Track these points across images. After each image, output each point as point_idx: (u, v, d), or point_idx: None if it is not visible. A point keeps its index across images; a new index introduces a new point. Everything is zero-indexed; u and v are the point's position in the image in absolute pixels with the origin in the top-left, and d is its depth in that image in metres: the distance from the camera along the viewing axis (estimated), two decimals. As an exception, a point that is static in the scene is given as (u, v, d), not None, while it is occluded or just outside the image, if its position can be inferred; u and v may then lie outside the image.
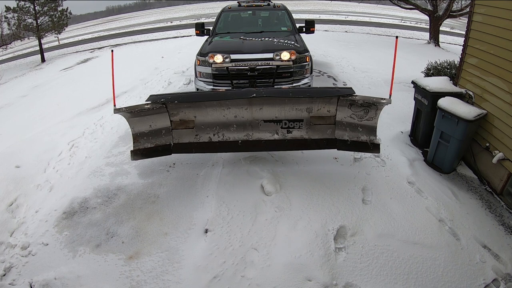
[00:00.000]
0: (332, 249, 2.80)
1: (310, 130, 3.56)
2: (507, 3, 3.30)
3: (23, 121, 6.31)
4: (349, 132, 3.45)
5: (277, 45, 4.70)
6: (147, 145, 3.50)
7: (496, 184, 3.54)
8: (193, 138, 3.60)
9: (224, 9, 6.44)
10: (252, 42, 4.91)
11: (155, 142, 3.53)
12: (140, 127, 3.43)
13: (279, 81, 4.56)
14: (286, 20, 6.10)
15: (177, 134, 3.58)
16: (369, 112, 3.30)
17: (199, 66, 4.75)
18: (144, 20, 35.18)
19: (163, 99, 3.29)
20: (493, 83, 3.53)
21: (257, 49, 4.61)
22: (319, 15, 25.17)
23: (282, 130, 3.60)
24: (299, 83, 4.64)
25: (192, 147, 3.61)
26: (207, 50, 4.74)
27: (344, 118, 3.41)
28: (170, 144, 3.58)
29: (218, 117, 3.51)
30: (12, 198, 3.65)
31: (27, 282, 2.61)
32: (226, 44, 5.06)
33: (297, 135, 3.59)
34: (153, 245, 2.94)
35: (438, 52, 10.42)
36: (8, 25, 16.15)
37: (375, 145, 3.37)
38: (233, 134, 3.60)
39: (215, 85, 4.66)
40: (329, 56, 9.82)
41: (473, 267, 2.64)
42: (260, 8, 6.38)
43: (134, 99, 6.80)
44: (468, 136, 3.65)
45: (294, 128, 3.58)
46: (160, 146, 3.54)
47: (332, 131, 3.52)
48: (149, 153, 3.52)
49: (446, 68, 5.76)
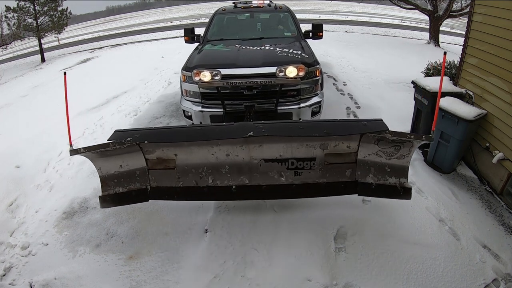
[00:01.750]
0: (332, 249, 2.80)
1: (324, 171, 2.79)
2: (507, 3, 3.30)
3: (23, 121, 6.31)
4: (373, 173, 2.74)
5: (281, 56, 3.93)
6: (119, 189, 2.82)
7: (496, 184, 3.54)
8: (174, 181, 2.85)
9: (218, 11, 5.61)
10: (249, 52, 4.14)
11: (128, 186, 2.83)
12: (108, 168, 2.76)
13: (283, 101, 3.81)
14: (290, 23, 5.29)
15: (155, 176, 2.85)
16: (401, 149, 2.61)
17: (185, 83, 3.96)
18: (144, 20, 35.17)
19: (129, 138, 2.53)
20: (493, 83, 3.53)
21: (256, 61, 3.82)
22: (319, 15, 25.17)
23: (289, 172, 2.81)
24: (307, 103, 3.86)
25: (173, 192, 2.87)
26: (193, 63, 3.97)
27: (368, 156, 2.70)
28: (147, 188, 2.86)
29: (205, 156, 2.73)
30: (12, 198, 3.65)
31: (27, 282, 2.61)
32: (217, 55, 4.27)
33: (308, 178, 2.82)
34: (153, 245, 2.94)
35: (438, 52, 10.40)
36: (8, 25, 16.14)
37: (406, 189, 2.69)
38: (225, 178, 2.82)
39: (205, 106, 3.89)
40: (329, 56, 9.82)
41: (473, 267, 2.64)
42: (259, 10, 5.56)
43: (134, 99, 6.81)
44: (468, 136, 3.65)
45: (304, 169, 2.79)
46: (134, 190, 2.84)
47: (352, 171, 2.79)
48: (121, 199, 2.84)
49: (446, 68, 5.76)
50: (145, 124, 5.43)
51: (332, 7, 33.27)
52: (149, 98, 6.71)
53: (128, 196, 2.84)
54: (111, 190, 2.81)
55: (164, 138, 2.64)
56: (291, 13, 5.42)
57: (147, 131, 2.67)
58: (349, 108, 5.68)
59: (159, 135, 2.65)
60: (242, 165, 2.78)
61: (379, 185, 2.74)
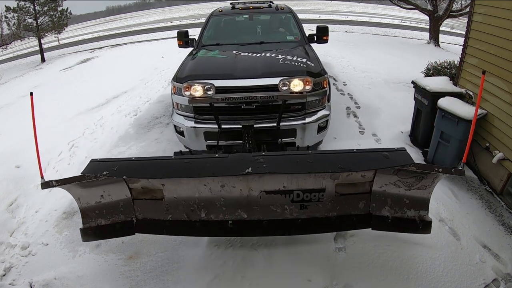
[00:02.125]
0: (332, 249, 2.80)
1: (334, 203, 2.43)
2: (507, 3, 3.30)
3: (23, 121, 6.30)
4: (390, 205, 2.41)
5: (284, 64, 3.53)
6: (101, 221, 2.50)
7: (496, 184, 3.54)
8: (163, 214, 2.48)
9: (214, 13, 5.21)
10: (248, 59, 3.75)
11: (112, 218, 2.50)
12: (88, 199, 2.44)
13: (286, 116, 3.42)
14: (293, 26, 4.90)
15: (140, 207, 2.50)
16: (423, 180, 2.29)
17: (176, 96, 3.55)
18: (144, 20, 35.19)
19: (106, 172, 2.16)
20: (493, 83, 3.53)
21: (255, 70, 3.42)
22: (319, 15, 25.18)
23: (294, 205, 2.41)
24: (313, 117, 3.48)
25: (162, 226, 2.50)
26: (184, 73, 3.58)
27: (385, 186, 2.36)
28: (132, 220, 2.52)
29: (196, 188, 2.36)
30: (12, 198, 3.66)
31: (27, 282, 2.61)
32: (212, 64, 3.88)
33: (315, 211, 2.44)
34: (153, 245, 2.93)
35: (438, 52, 10.41)
36: (8, 25, 16.15)
37: (426, 223, 2.38)
38: (221, 212, 2.43)
39: (198, 121, 3.49)
40: (329, 56, 9.82)
41: (473, 267, 2.64)
42: (259, 11, 5.18)
43: (134, 99, 6.81)
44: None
45: (312, 201, 2.40)
46: (119, 223, 2.51)
47: (366, 203, 2.44)
48: (104, 232, 2.53)
49: (446, 68, 5.76)
50: (145, 123, 5.43)
51: (332, 7, 33.27)
52: (149, 98, 6.72)
53: (111, 229, 2.51)
54: (93, 222, 2.49)
55: (146, 174, 2.25)
56: (293, 15, 5.04)
57: (127, 163, 2.32)
58: (349, 108, 5.68)
59: (140, 169, 2.26)
60: (239, 197, 2.37)
61: (396, 218, 2.41)
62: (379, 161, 2.15)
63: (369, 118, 5.25)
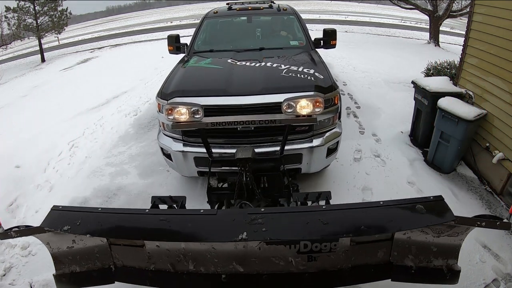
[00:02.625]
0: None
1: (349, 253, 1.98)
2: (507, 3, 3.30)
3: (23, 121, 6.31)
4: (415, 254, 2.01)
5: (288, 77, 2.98)
6: (76, 268, 2.15)
7: (496, 184, 3.54)
8: (144, 263, 2.08)
9: (208, 14, 4.66)
10: (245, 70, 3.22)
11: (87, 265, 2.14)
12: (59, 244, 2.08)
13: (290, 139, 2.87)
14: (297, 29, 4.33)
15: (119, 254, 2.11)
16: (456, 227, 1.97)
17: (161, 114, 2.98)
18: (144, 20, 35.19)
19: (68, 227, 1.86)
20: (493, 83, 3.53)
21: (254, 85, 2.88)
22: (319, 15, 25.19)
23: (300, 257, 1.97)
24: (321, 139, 2.96)
25: (144, 276, 2.09)
26: (170, 88, 3.03)
27: (410, 233, 1.96)
28: (110, 268, 2.14)
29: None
30: (12, 198, 3.66)
31: (27, 282, 2.61)
32: (202, 76, 3.31)
33: (326, 263, 1.99)
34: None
35: (438, 52, 10.42)
36: (8, 25, 16.16)
37: (454, 272, 2.01)
38: (212, 264, 1.98)
39: (187, 144, 2.99)
40: (329, 56, 9.82)
41: (473, 267, 2.64)
42: (259, 12, 4.60)
43: (134, 99, 6.82)
44: (468, 136, 3.65)
45: (322, 252, 1.95)
46: (95, 270, 2.14)
47: (386, 251, 2.02)
48: (80, 280, 2.15)
49: (446, 68, 5.76)
50: (145, 123, 5.43)
51: (332, 7, 33.27)
52: (149, 98, 6.72)
53: (88, 277, 2.14)
54: (66, 268, 2.14)
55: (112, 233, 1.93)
56: (297, 16, 4.45)
57: (93, 215, 1.94)
58: (349, 108, 5.68)
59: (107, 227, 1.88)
60: (234, 249, 1.92)
61: (420, 268, 2.02)
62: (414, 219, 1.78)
63: (369, 118, 5.25)
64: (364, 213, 1.83)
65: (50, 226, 1.91)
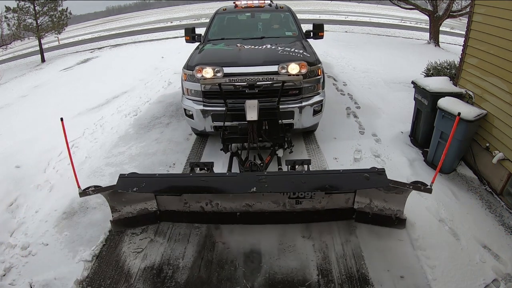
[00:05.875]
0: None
1: (324, 199, 2.93)
2: (507, 3, 3.30)
3: (23, 121, 6.31)
4: (372, 203, 2.93)
5: (283, 54, 3.94)
6: (129, 213, 2.99)
7: (496, 184, 3.54)
8: (182, 206, 3.02)
9: (218, 11, 5.65)
10: (251, 50, 4.15)
11: (137, 210, 3.01)
12: (116, 197, 2.88)
13: (285, 100, 3.79)
14: (291, 23, 5.32)
15: (162, 201, 3.02)
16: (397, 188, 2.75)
17: (186, 82, 3.93)
18: (144, 20, 35.18)
19: (136, 188, 2.52)
20: (493, 83, 3.53)
21: (258, 59, 3.83)
22: (319, 15, 25.17)
23: (290, 200, 2.95)
24: (309, 102, 3.87)
25: (181, 216, 3.06)
26: (194, 61, 3.95)
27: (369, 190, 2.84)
28: (156, 211, 3.05)
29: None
30: (12, 198, 3.66)
31: (27, 282, 2.61)
32: (219, 54, 4.29)
33: (308, 206, 2.97)
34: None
35: (438, 52, 10.42)
36: (8, 25, 16.14)
37: (401, 220, 2.92)
38: (230, 204, 2.96)
39: (206, 105, 3.86)
40: (329, 56, 9.83)
41: (473, 267, 2.64)
42: (260, 10, 5.60)
43: (134, 99, 6.81)
44: (468, 136, 3.65)
45: (305, 198, 2.91)
46: (144, 215, 3.03)
47: (351, 201, 2.96)
48: (132, 222, 3.02)
49: (446, 68, 5.76)
50: (145, 124, 5.43)
51: (332, 7, 33.28)
52: (149, 98, 6.72)
53: (138, 219, 3.02)
54: (122, 214, 2.98)
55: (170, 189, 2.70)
56: (292, 13, 5.45)
57: (153, 179, 2.64)
58: (349, 108, 5.68)
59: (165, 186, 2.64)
60: (245, 194, 2.86)
61: (375, 214, 2.93)
62: (361, 182, 2.51)
63: (369, 118, 5.25)
64: (329, 177, 2.63)
65: (121, 188, 2.60)
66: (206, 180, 2.60)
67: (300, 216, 3.00)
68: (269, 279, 2.57)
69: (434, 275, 2.55)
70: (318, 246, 2.84)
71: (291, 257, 2.75)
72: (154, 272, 2.67)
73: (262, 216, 2.99)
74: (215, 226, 3.09)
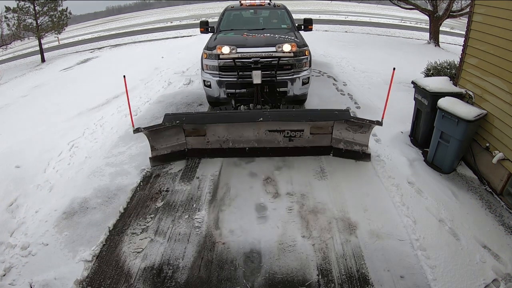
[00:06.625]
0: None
1: (309, 139, 4.01)
2: (507, 3, 3.30)
3: (23, 121, 6.31)
4: (344, 142, 3.97)
5: (279, 39, 4.99)
6: (164, 152, 4.01)
7: (496, 184, 3.54)
8: (205, 144, 4.08)
9: (227, 8, 6.76)
10: (255, 37, 5.20)
11: (171, 148, 4.03)
12: (157, 137, 3.92)
13: (280, 73, 4.82)
14: (286, 18, 6.39)
15: (190, 141, 4.07)
16: (363, 127, 3.79)
17: (206, 59, 5.02)
18: (144, 20, 35.17)
19: (178, 121, 3.69)
20: (493, 83, 3.53)
21: (260, 43, 4.89)
22: (319, 15, 25.17)
23: (285, 139, 4.03)
24: (299, 75, 4.95)
25: (204, 152, 4.11)
26: (214, 43, 5.01)
27: (340, 130, 3.93)
28: (185, 149, 4.08)
29: (227, 129, 4.00)
30: (12, 198, 3.65)
31: (27, 282, 2.61)
32: (231, 39, 5.34)
33: (298, 144, 4.05)
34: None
35: (438, 52, 10.42)
36: (8, 25, 16.13)
37: (366, 154, 3.95)
38: (241, 142, 4.08)
39: (222, 76, 4.94)
40: (329, 56, 9.82)
41: (473, 267, 2.64)
42: (261, 8, 6.73)
43: (134, 99, 6.80)
44: (468, 136, 3.65)
45: (296, 137, 4.02)
46: (176, 152, 4.05)
47: (329, 140, 4.03)
48: (167, 158, 4.03)
49: (446, 68, 5.76)
50: (145, 124, 5.42)
51: (332, 7, 33.27)
52: (149, 98, 6.71)
53: (171, 156, 4.05)
54: (159, 152, 3.99)
55: (204, 121, 3.85)
56: (287, 10, 6.58)
57: (189, 115, 3.92)
58: (349, 108, 5.67)
59: (199, 119, 3.85)
60: (252, 135, 4.03)
61: (347, 150, 4.00)
62: (331, 115, 3.76)
63: (369, 118, 5.24)
64: (311, 112, 4.06)
65: (168, 121, 3.70)
66: (229, 114, 3.96)
67: (292, 151, 4.08)
68: (268, 278, 2.58)
69: (434, 275, 2.55)
70: (318, 246, 2.84)
71: (291, 257, 2.75)
72: (154, 272, 2.67)
73: (264, 150, 4.09)
74: (215, 226, 3.10)
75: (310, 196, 3.43)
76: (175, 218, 3.23)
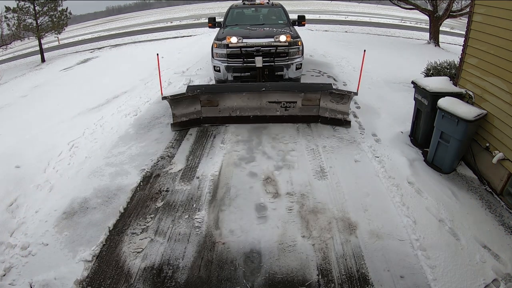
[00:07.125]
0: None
1: (301, 109, 5.00)
2: (507, 3, 3.30)
3: (23, 121, 6.31)
4: (329, 111, 4.95)
5: (276, 32, 6.07)
6: (183, 119, 4.97)
7: (496, 184, 3.54)
8: (217, 113, 5.05)
9: (232, 6, 7.98)
10: (256, 30, 6.30)
11: (189, 116, 4.99)
12: (178, 106, 4.87)
13: (278, 59, 5.79)
14: (282, 15, 7.58)
15: (205, 111, 5.02)
16: (343, 98, 4.75)
17: (216, 48, 5.98)
18: (144, 20, 35.15)
19: (198, 90, 4.75)
20: (493, 83, 3.53)
21: (261, 35, 5.97)
22: (319, 15, 25.17)
23: (281, 108, 5.02)
24: (293, 61, 5.92)
25: (216, 120, 5.06)
26: (223, 35, 6.03)
27: (326, 101, 4.91)
28: (200, 117, 5.04)
29: (235, 100, 4.98)
30: (12, 198, 3.65)
31: (27, 282, 2.61)
32: (237, 32, 6.36)
33: (292, 112, 5.04)
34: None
35: (438, 52, 10.41)
36: (8, 25, 16.11)
37: (347, 121, 4.90)
38: (247, 111, 5.06)
39: (229, 62, 5.89)
40: (329, 56, 9.82)
41: (473, 267, 2.64)
42: (261, 6, 7.99)
43: (134, 99, 6.81)
44: (468, 136, 3.65)
45: (290, 107, 5.02)
46: (193, 119, 5.01)
47: (317, 110, 5.01)
48: (185, 124, 4.97)
49: (446, 68, 5.76)
50: (145, 124, 5.43)
51: (332, 7, 33.26)
52: (149, 98, 6.71)
53: (189, 123, 5.00)
54: (179, 119, 4.96)
55: (217, 90, 5.04)
56: (283, 9, 7.76)
57: (208, 86, 5.29)
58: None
59: (214, 88, 5.17)
60: (256, 105, 5.01)
61: (332, 118, 4.96)
62: (318, 88, 4.84)
63: (369, 118, 5.25)
64: (301, 86, 5.30)
65: (190, 91, 4.70)
66: (239, 85, 5.36)
67: (288, 119, 5.05)
68: (268, 278, 2.58)
69: (434, 275, 2.55)
70: (318, 246, 2.84)
71: (291, 257, 2.76)
72: (154, 272, 2.67)
73: (265, 118, 5.05)
74: (215, 226, 3.10)
75: (310, 196, 3.44)
76: (175, 218, 3.23)
